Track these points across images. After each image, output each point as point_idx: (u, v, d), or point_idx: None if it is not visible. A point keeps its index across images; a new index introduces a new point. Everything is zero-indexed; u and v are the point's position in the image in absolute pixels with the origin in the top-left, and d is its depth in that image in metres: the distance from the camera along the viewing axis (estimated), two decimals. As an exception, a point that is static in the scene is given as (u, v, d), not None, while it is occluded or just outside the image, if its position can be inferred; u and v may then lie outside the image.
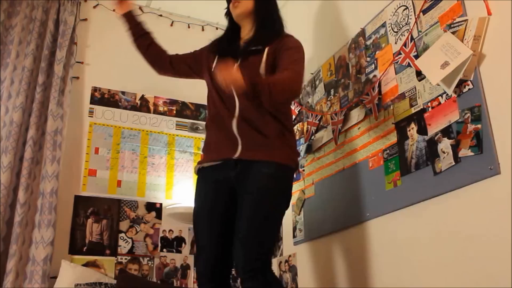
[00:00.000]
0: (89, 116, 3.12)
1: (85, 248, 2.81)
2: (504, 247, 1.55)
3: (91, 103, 3.15)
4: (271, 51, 1.97)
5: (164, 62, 2.27)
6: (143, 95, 3.30)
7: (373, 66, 2.33)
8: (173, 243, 3.03)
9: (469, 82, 1.77)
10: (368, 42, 2.39)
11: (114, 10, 3.35)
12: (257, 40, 2.02)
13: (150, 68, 2.33)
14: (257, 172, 1.84)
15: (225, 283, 1.90)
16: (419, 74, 2.02)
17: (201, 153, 2.11)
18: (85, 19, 3.30)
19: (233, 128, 1.93)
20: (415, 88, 2.04)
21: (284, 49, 1.97)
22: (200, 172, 2.03)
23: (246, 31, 2.11)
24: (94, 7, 3.36)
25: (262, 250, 1.78)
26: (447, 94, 1.86)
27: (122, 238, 2.91)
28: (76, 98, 3.10)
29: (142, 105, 3.28)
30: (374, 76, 2.31)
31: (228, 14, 2.17)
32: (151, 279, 2.88)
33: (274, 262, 2.98)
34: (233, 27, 2.16)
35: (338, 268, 2.37)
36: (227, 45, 2.10)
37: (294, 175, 2.03)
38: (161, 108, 3.33)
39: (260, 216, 1.80)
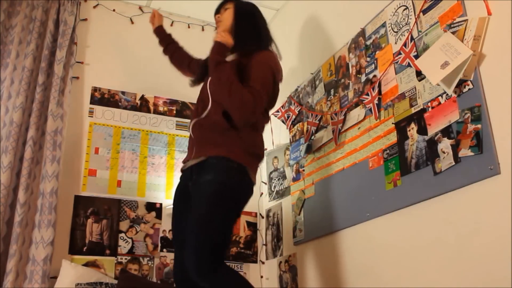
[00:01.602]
0: (89, 116, 3.12)
1: (85, 248, 2.81)
2: (504, 247, 1.55)
3: (91, 103, 3.15)
4: (240, 61, 2.06)
5: (184, 66, 2.63)
6: (143, 95, 3.30)
7: (373, 66, 2.33)
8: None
9: (469, 82, 1.77)
10: (368, 42, 2.39)
11: (114, 10, 3.39)
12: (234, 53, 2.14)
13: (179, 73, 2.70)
14: (201, 181, 1.94)
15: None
16: (419, 74, 2.02)
17: None
18: (85, 19, 3.30)
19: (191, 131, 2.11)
20: (415, 88, 2.04)
21: (253, 63, 2.05)
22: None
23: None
24: (94, 7, 3.36)
25: (205, 253, 1.80)
26: (447, 94, 1.86)
27: (122, 238, 2.91)
28: (76, 98, 3.10)
29: (142, 105, 3.28)
30: (374, 76, 2.31)
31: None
32: (151, 279, 2.88)
33: (274, 262, 2.99)
34: None
35: (338, 268, 2.37)
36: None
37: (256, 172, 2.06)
38: (161, 108, 3.33)
39: (195, 222, 1.87)
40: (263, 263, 3.14)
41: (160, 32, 2.76)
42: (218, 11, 2.29)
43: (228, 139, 1.97)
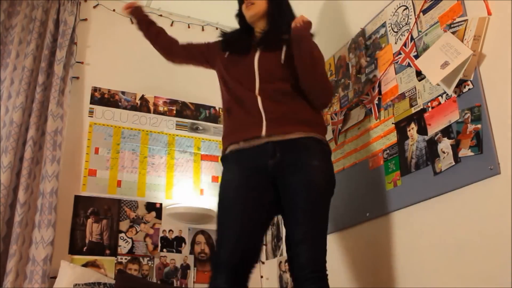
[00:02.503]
0: (89, 116, 3.12)
1: (85, 248, 2.81)
2: (504, 247, 1.55)
3: (91, 103, 3.15)
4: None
5: (175, 46, 2.27)
6: (143, 95, 3.30)
7: (373, 66, 2.33)
8: (173, 243, 3.03)
9: (469, 82, 1.77)
10: (368, 42, 2.39)
11: (114, 10, 3.39)
12: (271, 39, 2.01)
13: (162, 56, 2.34)
14: (306, 165, 1.78)
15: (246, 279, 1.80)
16: (419, 74, 2.02)
17: (223, 140, 1.98)
18: (85, 19, 3.30)
19: (258, 105, 1.86)
20: (415, 88, 2.04)
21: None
22: (229, 157, 1.91)
23: (259, 32, 2.08)
24: (94, 7, 3.36)
25: (324, 250, 1.80)
26: (447, 94, 1.86)
27: (122, 238, 2.91)
28: (76, 98, 3.10)
29: (142, 105, 3.28)
30: (374, 76, 2.31)
31: (239, 15, 2.14)
32: (151, 279, 2.88)
33: (274, 262, 2.99)
34: (244, 29, 2.13)
35: (338, 268, 2.37)
36: (240, 41, 2.07)
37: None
38: (161, 108, 3.33)
39: (318, 217, 1.81)
40: (263, 263, 3.13)
41: (138, 13, 2.38)
42: None
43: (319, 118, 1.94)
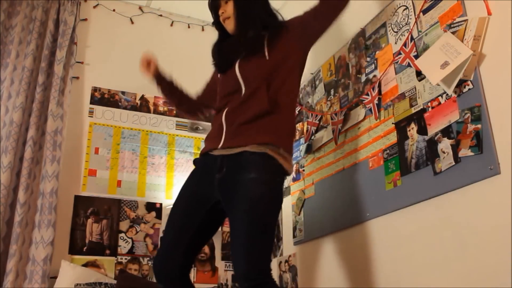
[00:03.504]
0: (89, 116, 3.12)
1: (85, 248, 2.81)
2: (504, 247, 1.55)
3: (91, 103, 3.15)
4: (287, 43, 1.99)
5: (200, 105, 2.34)
6: (143, 95, 3.30)
7: (373, 66, 2.33)
8: (173, 243, 3.02)
9: (469, 82, 1.77)
10: (368, 42, 2.39)
11: (114, 10, 3.39)
12: (248, 43, 2.01)
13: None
14: (243, 179, 1.77)
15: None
16: (419, 74, 2.02)
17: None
18: (85, 19, 3.30)
19: (222, 119, 1.93)
20: (415, 88, 2.04)
21: (299, 24, 2.01)
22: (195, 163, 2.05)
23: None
24: (94, 7, 3.36)
25: (260, 260, 1.72)
26: (447, 94, 1.86)
27: (122, 238, 2.91)
28: (76, 98, 3.10)
29: (142, 105, 3.29)
30: (374, 76, 2.31)
31: (217, 23, 2.16)
32: (151, 279, 2.88)
33: (274, 262, 2.99)
34: (225, 34, 2.14)
35: (338, 268, 2.37)
36: (224, 57, 2.10)
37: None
38: (161, 108, 3.33)
39: (257, 228, 1.74)
40: (263, 263, 3.13)
41: (160, 80, 2.30)
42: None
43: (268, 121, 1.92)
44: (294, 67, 2.01)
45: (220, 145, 1.88)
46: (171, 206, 3.08)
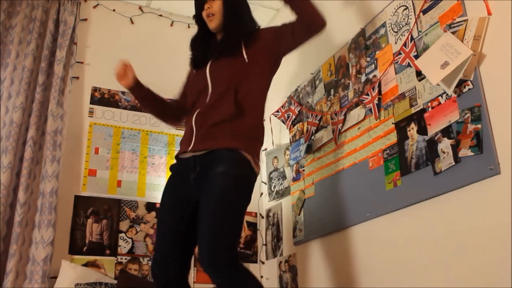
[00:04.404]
0: (89, 116, 3.12)
1: (85, 248, 2.81)
2: (504, 247, 1.55)
3: (91, 103, 3.15)
4: (261, 49, 2.02)
5: (180, 111, 2.23)
6: (143, 95, 3.30)
7: (373, 66, 2.33)
8: (173, 243, 3.02)
9: (469, 82, 1.77)
10: (368, 42, 2.39)
11: (114, 10, 3.39)
12: (229, 44, 2.04)
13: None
14: (213, 173, 1.83)
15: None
16: (419, 74, 2.02)
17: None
18: (85, 19, 3.30)
19: (192, 122, 1.97)
20: (415, 88, 2.04)
21: (274, 34, 2.04)
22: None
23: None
24: (94, 7, 3.36)
25: (226, 246, 1.75)
26: (447, 94, 1.86)
27: (122, 238, 2.91)
28: (76, 98, 3.10)
29: (142, 105, 3.28)
30: (374, 76, 2.31)
31: (198, 18, 2.18)
32: (151, 279, 2.88)
33: (274, 262, 2.99)
34: (204, 30, 2.17)
35: (338, 268, 2.37)
36: (201, 54, 2.13)
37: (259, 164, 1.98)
38: (161, 108, 3.32)
39: (223, 217, 1.78)
40: (263, 263, 3.14)
41: (135, 91, 2.18)
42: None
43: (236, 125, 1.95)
44: (264, 73, 2.05)
45: (190, 148, 1.93)
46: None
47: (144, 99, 2.21)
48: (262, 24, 2.22)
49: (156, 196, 3.09)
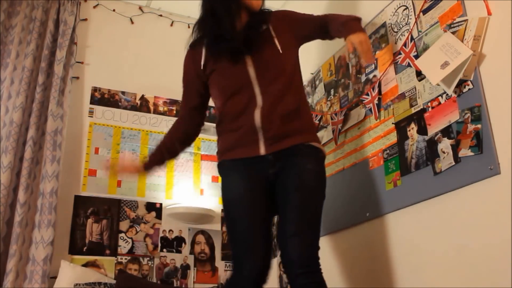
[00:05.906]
0: (89, 116, 3.12)
1: (85, 248, 2.81)
2: (504, 247, 1.55)
3: (91, 103, 3.15)
4: (276, 29, 1.99)
5: (197, 125, 2.15)
6: (143, 95, 3.30)
7: (373, 66, 2.33)
8: (173, 243, 3.03)
9: (469, 82, 1.77)
10: (368, 42, 2.39)
11: (114, 10, 3.39)
12: (257, 22, 1.96)
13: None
14: (300, 168, 1.82)
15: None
16: (419, 74, 2.02)
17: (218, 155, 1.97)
18: (85, 19, 3.30)
19: (255, 121, 1.83)
20: (415, 88, 2.04)
21: (293, 19, 2.07)
22: (226, 164, 1.92)
23: (243, 19, 1.96)
24: (94, 7, 3.36)
25: (315, 247, 1.78)
26: (447, 94, 1.86)
27: (122, 238, 2.91)
28: (76, 98, 3.10)
29: (142, 105, 3.28)
30: (374, 76, 2.31)
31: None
32: (151, 279, 2.88)
33: (274, 262, 2.98)
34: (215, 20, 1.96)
35: (338, 268, 2.37)
36: (226, 42, 1.92)
37: None
38: (161, 108, 3.33)
39: (312, 217, 1.80)
40: (263, 263, 3.13)
41: (149, 167, 2.10)
42: None
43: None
44: (296, 57, 2.07)
45: (263, 151, 1.83)
46: (172, 206, 3.08)
47: (158, 163, 2.10)
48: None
49: (156, 196, 3.09)
